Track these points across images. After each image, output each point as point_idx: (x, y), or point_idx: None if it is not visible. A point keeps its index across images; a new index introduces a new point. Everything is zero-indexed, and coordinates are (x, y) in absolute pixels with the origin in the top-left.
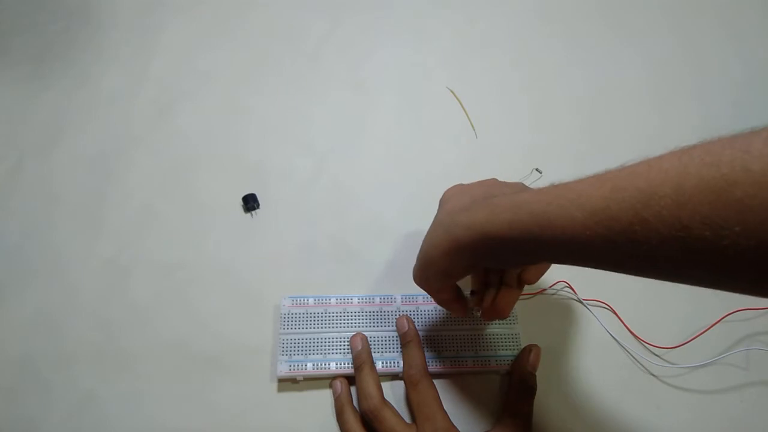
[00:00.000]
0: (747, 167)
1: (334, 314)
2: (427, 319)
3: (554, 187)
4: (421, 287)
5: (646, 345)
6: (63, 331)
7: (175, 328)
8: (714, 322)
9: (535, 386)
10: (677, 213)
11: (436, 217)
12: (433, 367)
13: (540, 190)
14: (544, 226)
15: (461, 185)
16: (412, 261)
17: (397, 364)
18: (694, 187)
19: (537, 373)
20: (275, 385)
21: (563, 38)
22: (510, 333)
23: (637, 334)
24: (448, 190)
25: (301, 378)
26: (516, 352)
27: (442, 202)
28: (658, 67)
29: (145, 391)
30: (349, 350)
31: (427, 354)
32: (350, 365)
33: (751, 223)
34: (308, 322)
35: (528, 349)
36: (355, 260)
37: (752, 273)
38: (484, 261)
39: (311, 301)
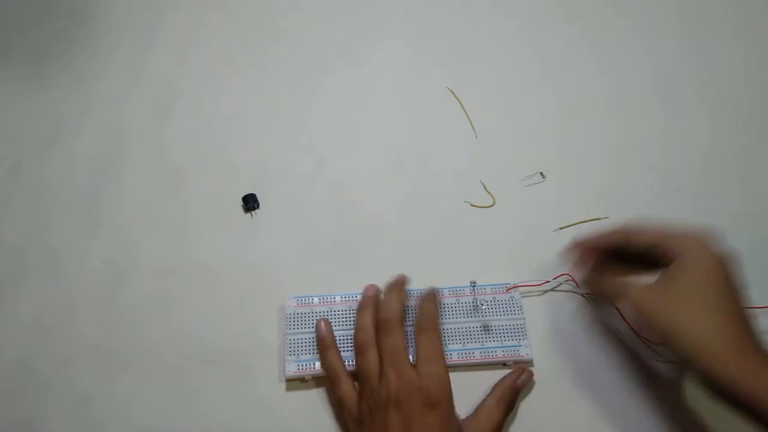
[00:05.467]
0: None
1: (340, 312)
2: None
3: None
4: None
5: (647, 343)
6: (62, 331)
7: (174, 329)
8: None
9: (514, 404)
10: None
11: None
12: None
13: None
14: None
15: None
16: (411, 261)
17: None
18: None
19: (537, 368)
20: (282, 385)
21: (563, 38)
22: (515, 324)
23: (638, 332)
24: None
25: (309, 377)
26: (521, 342)
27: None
28: (662, 67)
29: (144, 393)
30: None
31: None
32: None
33: None
34: (314, 321)
35: (521, 370)
36: (355, 260)
37: None
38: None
39: (316, 300)
